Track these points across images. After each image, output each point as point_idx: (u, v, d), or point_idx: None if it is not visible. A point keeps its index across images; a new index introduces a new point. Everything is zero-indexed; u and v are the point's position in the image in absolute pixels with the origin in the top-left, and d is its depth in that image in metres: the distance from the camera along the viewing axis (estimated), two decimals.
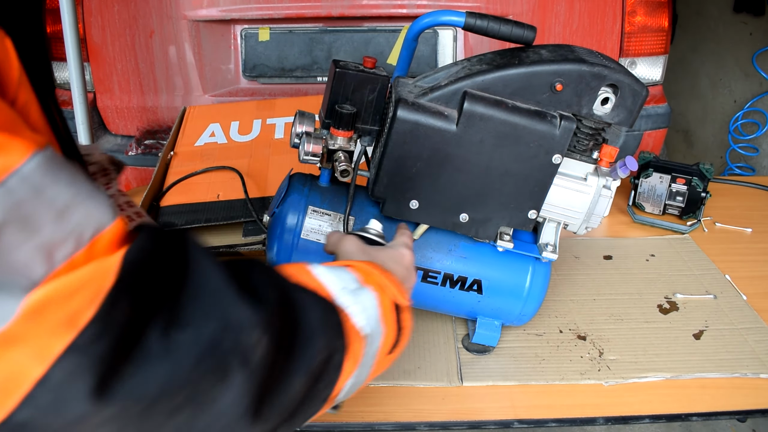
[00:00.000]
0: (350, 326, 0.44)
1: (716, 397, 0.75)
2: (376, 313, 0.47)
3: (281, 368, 0.37)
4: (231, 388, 0.33)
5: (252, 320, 0.35)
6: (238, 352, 0.34)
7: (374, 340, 0.47)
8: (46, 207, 0.28)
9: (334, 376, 0.43)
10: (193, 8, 1.46)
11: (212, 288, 0.35)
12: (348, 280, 0.47)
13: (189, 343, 0.32)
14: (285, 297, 0.40)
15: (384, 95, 0.71)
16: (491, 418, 0.73)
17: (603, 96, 0.67)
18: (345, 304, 0.44)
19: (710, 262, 1.03)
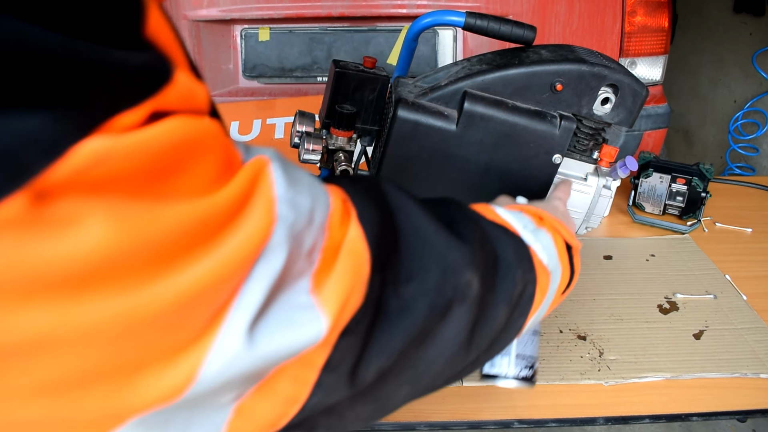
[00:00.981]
0: (537, 261, 0.46)
1: (716, 397, 0.75)
2: (554, 252, 0.49)
3: (488, 301, 0.40)
4: (452, 323, 0.36)
5: (464, 260, 0.37)
6: (458, 291, 0.36)
7: (555, 276, 0.49)
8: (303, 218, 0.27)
9: (527, 307, 0.45)
10: (193, 8, 1.47)
11: (424, 237, 0.35)
12: (526, 221, 0.49)
13: (418, 295, 0.34)
14: (483, 233, 0.42)
15: (384, 95, 0.71)
16: (491, 418, 0.73)
17: (603, 96, 0.67)
18: (528, 242, 0.46)
19: (710, 262, 1.03)
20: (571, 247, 0.52)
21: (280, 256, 0.25)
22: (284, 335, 0.26)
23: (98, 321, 0.20)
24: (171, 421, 0.25)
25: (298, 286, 0.27)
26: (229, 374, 0.24)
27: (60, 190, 0.19)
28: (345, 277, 0.29)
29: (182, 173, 0.23)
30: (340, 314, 0.28)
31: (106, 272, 0.20)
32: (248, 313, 0.24)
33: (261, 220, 0.25)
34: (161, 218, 0.21)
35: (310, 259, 0.28)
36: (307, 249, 0.28)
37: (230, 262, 0.23)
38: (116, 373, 0.22)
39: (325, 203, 0.30)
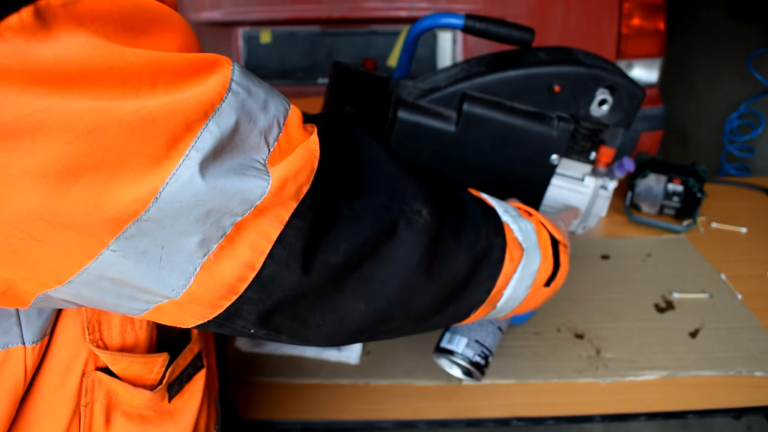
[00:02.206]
0: (511, 235, 0.49)
1: (712, 395, 0.76)
2: (534, 237, 0.51)
3: (446, 240, 0.43)
4: (401, 245, 0.40)
5: (415, 193, 0.41)
6: (404, 216, 0.40)
7: (532, 259, 0.51)
8: (256, 102, 0.33)
9: (496, 270, 0.47)
10: (196, 11, 1.47)
11: (380, 169, 0.41)
12: (510, 208, 0.52)
13: (366, 210, 0.38)
14: (449, 189, 0.46)
15: (384, 97, 0.71)
16: (490, 415, 0.74)
17: (600, 98, 0.68)
18: (505, 220, 0.49)
19: (706, 261, 1.04)
20: (558, 242, 0.54)
21: (230, 118, 0.31)
22: (233, 179, 0.32)
23: (76, 113, 0.26)
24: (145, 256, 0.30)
25: (253, 154, 0.33)
26: (186, 197, 0.30)
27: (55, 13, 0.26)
28: (296, 160, 0.35)
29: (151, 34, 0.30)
30: (284, 185, 0.34)
31: (83, 79, 0.27)
32: (201, 152, 0.30)
33: (214, 86, 0.31)
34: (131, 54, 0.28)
35: (266, 139, 0.34)
36: (262, 129, 0.34)
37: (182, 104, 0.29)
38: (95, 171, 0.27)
39: (282, 104, 0.36)
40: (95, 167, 0.27)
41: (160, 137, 0.29)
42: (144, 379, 0.44)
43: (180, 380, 0.48)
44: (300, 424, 0.72)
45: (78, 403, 0.41)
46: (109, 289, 0.32)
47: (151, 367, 0.44)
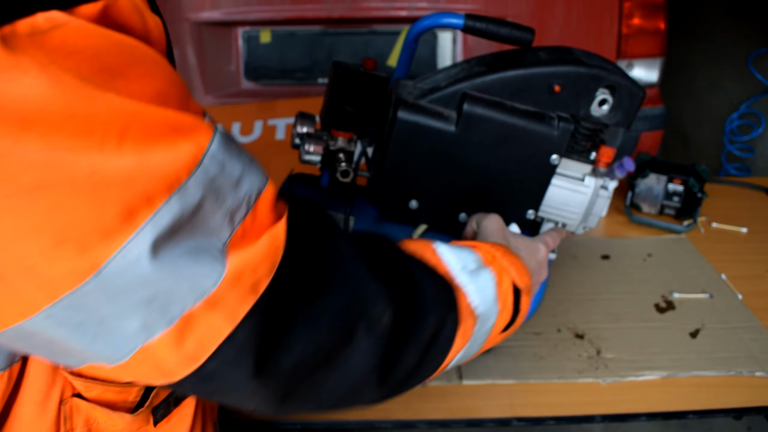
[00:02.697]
0: (465, 304, 0.47)
1: (712, 395, 0.76)
2: (492, 293, 0.50)
3: (400, 338, 0.41)
4: (358, 351, 0.38)
5: (377, 296, 0.39)
6: (365, 319, 0.38)
7: (488, 318, 0.50)
8: (228, 180, 0.32)
9: (445, 347, 0.46)
10: (195, 10, 1.47)
11: (345, 264, 0.39)
12: (468, 260, 0.50)
13: (326, 310, 0.36)
14: (405, 275, 0.44)
15: (384, 97, 0.71)
16: (490, 415, 0.74)
17: (601, 97, 0.68)
18: (462, 283, 0.47)
19: (706, 261, 1.04)
20: (520, 290, 0.53)
21: (195, 195, 0.29)
22: (185, 262, 0.29)
23: (25, 164, 0.24)
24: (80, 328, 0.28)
25: (213, 235, 0.31)
26: (130, 278, 0.28)
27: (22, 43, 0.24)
28: (258, 252, 0.33)
29: (129, 77, 0.27)
30: (240, 276, 0.32)
31: (43, 123, 0.24)
32: (157, 228, 0.28)
33: (185, 157, 0.29)
34: (101, 101, 0.25)
35: (231, 220, 0.32)
36: (229, 208, 0.32)
37: (146, 171, 0.27)
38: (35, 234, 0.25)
39: (258, 181, 0.34)
40: (35, 230, 0.25)
41: (115, 206, 0.26)
42: (122, 404, 0.43)
43: (167, 404, 0.46)
44: (300, 424, 0.72)
45: (58, 431, 0.40)
46: (42, 345, 0.30)
47: (126, 395, 0.43)
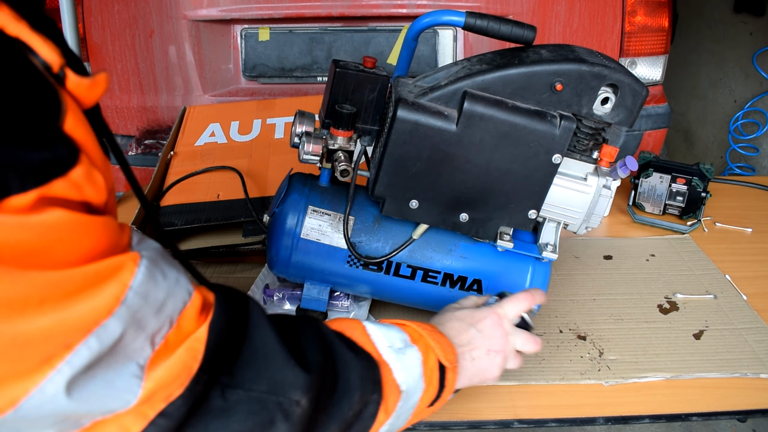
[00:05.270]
0: (390, 380, 0.51)
1: (716, 397, 0.75)
2: (418, 371, 0.53)
3: (318, 420, 0.44)
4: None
5: (296, 382, 0.42)
6: (282, 409, 0.41)
7: (412, 395, 0.53)
8: (151, 307, 0.35)
9: (368, 423, 0.49)
10: (193, 8, 1.46)
11: (266, 353, 0.42)
12: (396, 339, 0.54)
13: (241, 402, 0.39)
14: (330, 356, 0.47)
15: (384, 95, 0.71)
16: (491, 418, 0.73)
17: (603, 96, 0.67)
18: (389, 361, 0.51)
19: (710, 262, 1.03)
20: (445, 368, 0.56)
21: (115, 331, 0.33)
22: (99, 395, 0.33)
23: None
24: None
25: (132, 360, 0.35)
26: (46, 411, 0.31)
27: None
28: (174, 367, 0.36)
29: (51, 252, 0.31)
30: (153, 394, 0.35)
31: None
32: (73, 369, 0.31)
33: (106, 301, 0.33)
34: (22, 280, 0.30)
35: (152, 341, 0.36)
36: (151, 332, 0.36)
37: (65, 325, 0.31)
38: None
39: (182, 299, 0.38)
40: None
41: (34, 357, 0.31)
42: None
43: None
44: None
45: None
46: None
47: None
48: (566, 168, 0.72)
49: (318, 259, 0.76)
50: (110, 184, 0.37)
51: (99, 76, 0.36)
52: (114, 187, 0.39)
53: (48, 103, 0.31)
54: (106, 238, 0.35)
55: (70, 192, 0.32)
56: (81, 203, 0.34)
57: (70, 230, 0.32)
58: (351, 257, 0.76)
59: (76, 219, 0.32)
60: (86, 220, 0.33)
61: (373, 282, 0.78)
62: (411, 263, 0.76)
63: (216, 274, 0.99)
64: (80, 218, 0.33)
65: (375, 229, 0.76)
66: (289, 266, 0.77)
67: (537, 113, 0.66)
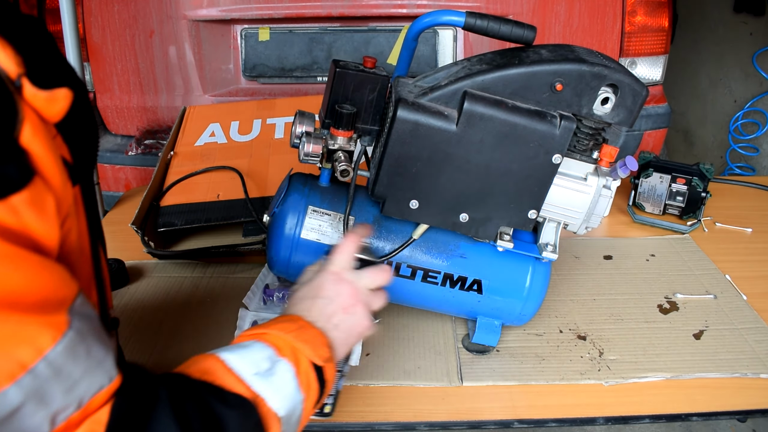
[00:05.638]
0: (267, 412, 0.49)
1: (716, 397, 0.75)
2: (292, 385, 0.52)
3: None
4: None
5: None
6: None
7: (293, 412, 0.52)
8: (62, 384, 0.33)
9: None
10: (193, 8, 1.46)
11: None
12: (261, 360, 0.51)
13: None
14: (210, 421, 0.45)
15: (384, 95, 0.71)
16: (491, 418, 0.73)
17: (603, 96, 0.67)
18: (259, 391, 0.49)
19: (710, 262, 1.03)
20: (322, 367, 0.54)
21: (12, 402, 0.30)
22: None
23: None
24: None
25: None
26: None
27: None
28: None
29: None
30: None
31: None
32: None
33: (12, 366, 0.30)
34: None
35: (53, 420, 0.33)
36: (54, 410, 0.33)
37: None
38: None
39: (99, 382, 0.35)
40: None
41: None
42: None
43: None
44: None
45: None
46: None
47: None
48: (566, 168, 0.72)
49: (318, 259, 0.76)
50: (67, 207, 0.34)
51: (59, 91, 0.34)
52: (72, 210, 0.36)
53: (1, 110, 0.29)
54: (41, 282, 0.32)
55: (5, 217, 0.29)
56: (20, 234, 0.30)
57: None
58: None
59: (5, 249, 0.29)
60: (18, 254, 0.30)
61: None
62: (411, 263, 0.76)
63: (216, 274, 0.99)
64: (10, 250, 0.30)
65: (375, 229, 0.76)
66: (289, 266, 0.77)
67: (537, 113, 0.66)
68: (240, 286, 0.93)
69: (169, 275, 0.98)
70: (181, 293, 0.94)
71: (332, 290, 0.61)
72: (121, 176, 1.54)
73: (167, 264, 1.01)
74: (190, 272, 0.99)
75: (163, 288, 0.95)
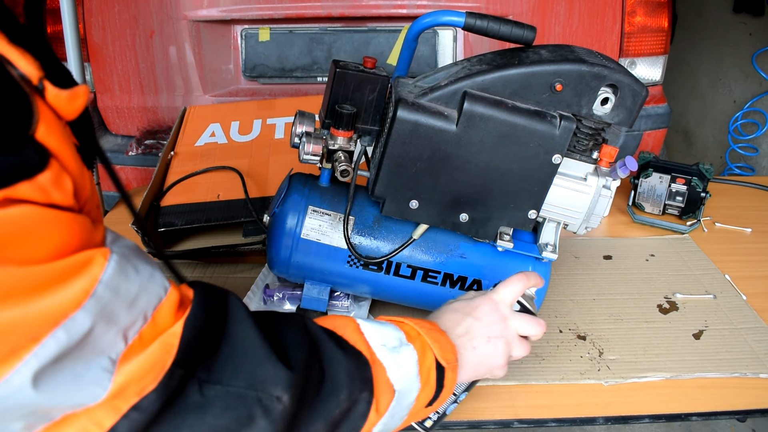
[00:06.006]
0: (383, 379, 0.50)
1: (716, 397, 0.75)
2: (413, 370, 0.52)
3: (303, 417, 0.44)
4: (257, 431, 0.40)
5: (276, 379, 0.41)
6: (262, 405, 0.41)
7: (408, 394, 0.52)
8: (122, 302, 0.36)
9: (359, 423, 0.48)
10: (194, 8, 1.47)
11: (245, 349, 0.42)
12: (390, 337, 0.53)
13: (219, 398, 0.39)
14: (315, 353, 0.46)
15: (384, 95, 0.71)
16: (491, 417, 0.73)
17: (603, 96, 0.67)
18: (382, 359, 0.50)
19: (710, 262, 1.03)
20: (444, 368, 0.55)
21: (84, 324, 0.33)
22: (67, 388, 0.33)
23: None
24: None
25: (103, 354, 0.35)
26: (13, 403, 0.32)
27: None
28: (146, 362, 0.37)
29: (18, 246, 0.31)
30: (125, 388, 0.36)
31: None
32: (40, 360, 0.32)
33: (74, 294, 0.33)
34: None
35: (125, 335, 0.36)
36: (124, 326, 0.36)
37: (29, 318, 0.31)
38: None
39: (157, 294, 0.38)
40: None
41: (2, 347, 0.31)
42: None
43: None
44: None
45: None
46: None
47: None
48: (566, 168, 0.72)
49: (318, 259, 0.76)
50: (86, 191, 0.37)
51: (78, 88, 0.36)
52: (93, 194, 0.39)
53: (20, 112, 0.31)
54: (76, 233, 0.35)
55: (36, 195, 0.32)
56: (49, 205, 0.33)
57: (37, 223, 0.32)
58: (351, 257, 0.76)
59: (43, 213, 0.32)
60: (54, 215, 0.33)
61: (373, 282, 0.78)
62: (411, 263, 0.77)
63: (216, 274, 0.99)
64: (47, 212, 0.33)
65: (375, 229, 0.76)
66: (289, 266, 0.77)
67: (537, 113, 0.66)
68: (240, 286, 0.93)
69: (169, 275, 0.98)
70: None
71: (486, 316, 0.61)
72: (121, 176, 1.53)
73: None
74: (190, 272, 0.99)
75: None
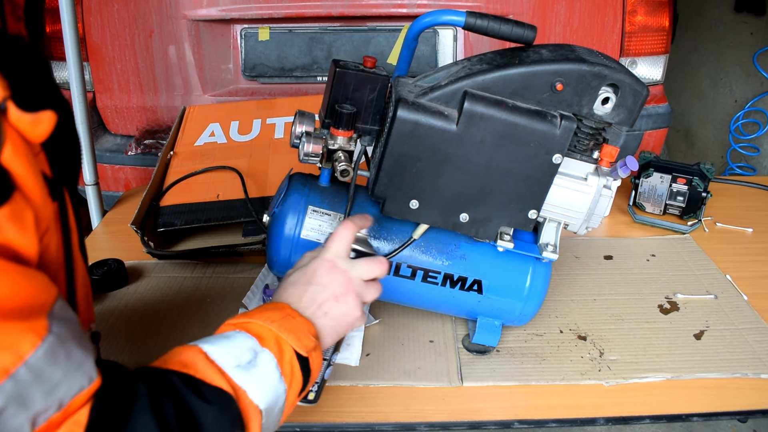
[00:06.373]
0: (248, 404, 0.49)
1: (717, 398, 0.75)
2: (275, 376, 0.52)
3: None
4: None
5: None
6: None
7: (276, 403, 0.52)
8: (42, 388, 0.34)
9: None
10: (193, 8, 1.46)
11: None
12: (242, 351, 0.51)
13: None
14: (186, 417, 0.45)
15: (384, 95, 0.70)
16: (491, 418, 0.73)
17: (603, 96, 0.67)
18: (240, 383, 0.49)
19: (711, 262, 1.03)
20: (307, 357, 0.54)
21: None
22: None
23: None
24: None
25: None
26: None
27: None
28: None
29: None
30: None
31: None
32: None
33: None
34: None
35: (34, 421, 0.34)
36: (34, 412, 0.34)
37: None
38: None
39: (79, 384, 0.36)
40: None
41: None
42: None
43: None
44: (299, 427, 0.71)
45: None
46: None
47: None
48: (566, 168, 0.72)
49: None
50: (47, 222, 0.36)
51: (43, 113, 0.35)
52: (52, 225, 0.38)
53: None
54: (21, 290, 0.33)
55: None
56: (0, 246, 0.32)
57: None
58: None
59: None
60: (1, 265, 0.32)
61: None
62: (411, 263, 0.76)
63: (216, 274, 0.99)
64: None
65: (375, 229, 0.76)
66: (288, 266, 0.77)
67: (537, 113, 0.65)
68: (240, 286, 0.93)
69: (169, 275, 0.98)
70: (181, 293, 0.94)
71: (325, 277, 0.61)
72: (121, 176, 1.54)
73: (167, 264, 1.01)
74: (190, 272, 0.99)
75: (162, 288, 0.95)
